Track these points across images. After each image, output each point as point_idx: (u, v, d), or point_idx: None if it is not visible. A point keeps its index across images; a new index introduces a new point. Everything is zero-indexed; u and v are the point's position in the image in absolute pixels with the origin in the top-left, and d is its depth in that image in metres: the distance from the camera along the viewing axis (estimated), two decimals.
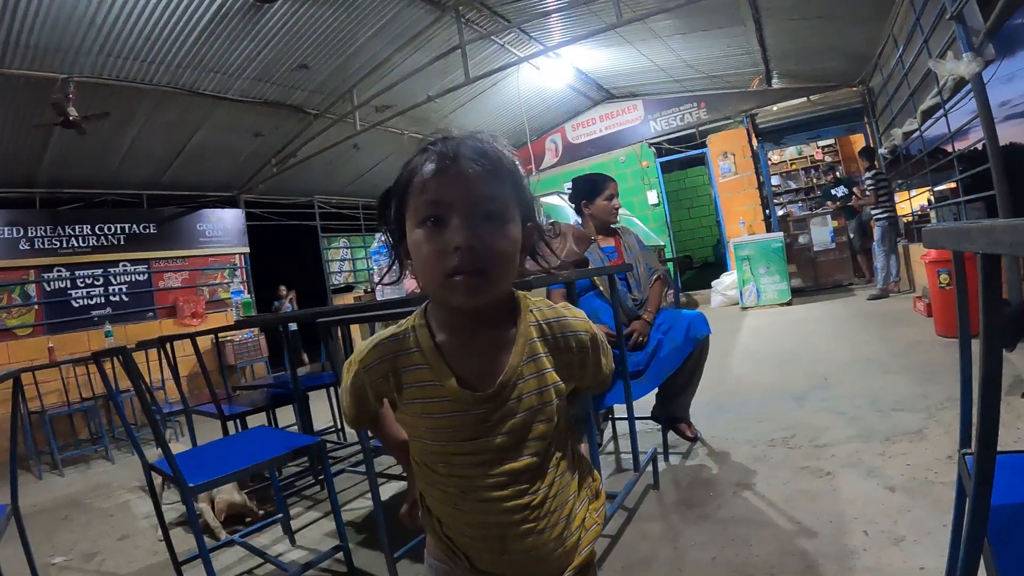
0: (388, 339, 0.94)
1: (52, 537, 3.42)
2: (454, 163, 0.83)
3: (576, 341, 0.94)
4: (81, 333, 7.13)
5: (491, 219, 0.83)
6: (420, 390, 0.90)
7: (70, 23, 4.65)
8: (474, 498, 0.90)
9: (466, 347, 0.91)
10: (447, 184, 0.82)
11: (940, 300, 4.71)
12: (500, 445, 0.88)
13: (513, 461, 0.88)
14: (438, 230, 0.82)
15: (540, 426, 0.90)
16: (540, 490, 0.90)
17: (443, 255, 0.81)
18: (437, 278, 0.83)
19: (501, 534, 0.89)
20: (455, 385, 0.88)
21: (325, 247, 10.65)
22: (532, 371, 0.90)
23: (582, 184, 3.25)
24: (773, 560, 1.92)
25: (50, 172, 6.86)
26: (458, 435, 0.88)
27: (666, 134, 10.38)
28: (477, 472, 0.89)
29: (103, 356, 2.19)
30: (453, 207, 0.82)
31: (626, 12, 5.45)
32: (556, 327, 0.94)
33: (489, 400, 0.87)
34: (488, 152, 0.85)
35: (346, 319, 2.55)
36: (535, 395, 0.89)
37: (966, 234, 0.83)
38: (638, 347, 2.86)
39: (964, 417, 1.27)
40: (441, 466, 0.92)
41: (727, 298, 9.10)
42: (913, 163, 6.85)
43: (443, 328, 0.92)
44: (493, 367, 0.89)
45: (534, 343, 0.91)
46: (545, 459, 0.91)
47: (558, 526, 0.92)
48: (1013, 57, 4.09)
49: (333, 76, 6.86)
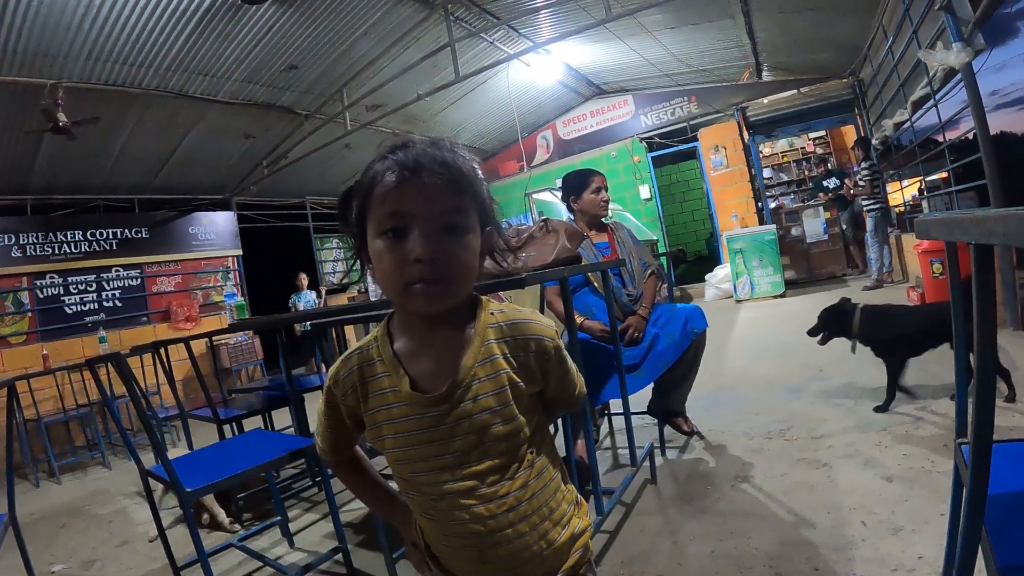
0: (354, 352, 0.96)
1: (51, 545, 3.41)
2: (414, 175, 0.83)
3: (536, 344, 0.93)
4: (75, 339, 7.09)
5: (451, 232, 0.84)
6: (382, 398, 0.91)
7: (58, 29, 4.62)
8: (445, 506, 0.89)
9: (421, 351, 0.92)
10: (407, 196, 0.83)
11: (934, 289, 4.73)
12: (459, 448, 0.88)
13: (475, 464, 0.88)
14: (398, 241, 0.83)
15: (500, 427, 0.89)
16: (511, 493, 0.89)
17: (403, 265, 0.82)
18: (397, 287, 0.84)
19: (477, 543, 0.89)
20: (407, 387, 0.89)
21: (318, 248, 10.62)
22: (489, 372, 0.89)
23: (570, 180, 3.26)
24: (772, 552, 1.93)
25: (41, 178, 6.82)
26: (416, 439, 0.89)
27: (657, 128, 10.37)
28: (441, 477, 0.88)
29: (97, 362, 2.18)
30: (413, 219, 0.83)
31: (615, 7, 5.44)
32: (515, 328, 0.93)
33: (442, 401, 0.87)
34: (448, 161, 0.85)
35: (340, 320, 2.54)
36: (492, 396, 0.89)
37: (959, 225, 0.83)
38: (633, 343, 2.86)
39: (960, 406, 1.27)
40: (410, 475, 0.92)
41: (721, 291, 9.12)
42: (904, 153, 6.87)
43: (402, 334, 0.94)
44: (447, 369, 0.89)
45: (491, 344, 0.91)
46: (512, 460, 0.91)
47: (540, 527, 0.92)
48: (1003, 46, 4.10)
49: (323, 76, 6.83)
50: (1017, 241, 0.63)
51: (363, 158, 5.74)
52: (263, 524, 2.94)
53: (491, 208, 0.93)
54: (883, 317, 3.18)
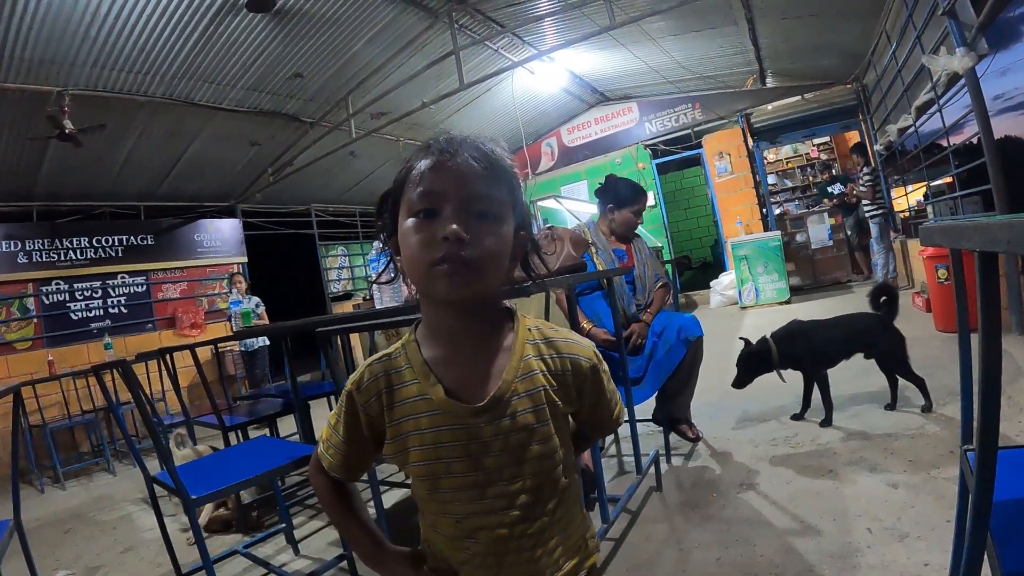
0: (379, 359, 0.91)
1: (56, 551, 3.42)
2: (452, 158, 0.81)
3: (573, 363, 0.89)
4: (80, 346, 7.11)
5: (484, 217, 0.82)
6: (411, 406, 0.86)
7: (64, 36, 4.65)
8: (468, 526, 0.85)
9: (455, 359, 0.87)
10: (442, 176, 0.81)
11: (939, 295, 4.71)
12: (491, 465, 0.83)
13: (506, 484, 0.84)
14: (429, 221, 0.80)
15: (535, 447, 0.84)
16: (538, 520, 0.86)
17: (430, 244, 0.79)
18: (422, 266, 0.80)
19: (494, 564, 0.86)
20: (442, 395, 0.84)
21: (323, 255, 10.63)
22: (528, 387, 0.85)
23: (621, 188, 3.24)
24: (777, 559, 1.92)
25: (47, 185, 6.85)
26: (446, 451, 0.84)
27: (661, 135, 10.39)
28: (468, 495, 0.84)
29: (103, 369, 2.19)
30: (446, 199, 0.80)
31: (619, 14, 5.46)
32: (553, 346, 0.90)
33: (480, 414, 0.83)
34: (488, 153, 0.84)
35: (345, 328, 2.54)
36: (531, 413, 0.84)
37: (963, 232, 0.83)
38: (636, 349, 2.87)
39: (965, 412, 1.27)
40: (433, 492, 0.87)
41: (726, 298, 9.10)
42: (909, 159, 6.86)
43: (432, 341, 0.89)
44: (484, 380, 0.85)
45: (530, 360, 0.87)
46: (543, 484, 0.86)
47: (557, 556, 0.89)
48: (1006, 50, 4.12)
49: (328, 84, 6.86)
50: (1021, 249, 0.63)
51: (368, 166, 5.79)
52: (268, 531, 2.94)
53: (527, 212, 0.91)
54: (796, 335, 3.24)
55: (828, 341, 3.18)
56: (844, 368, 3.26)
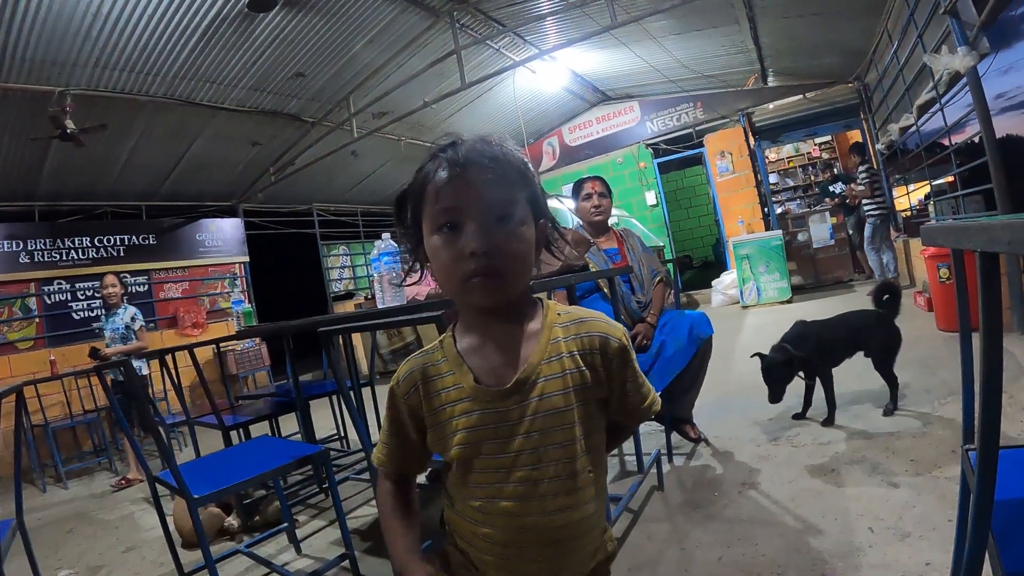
0: (418, 354, 0.97)
1: (58, 550, 3.42)
2: (465, 170, 0.84)
3: (601, 342, 0.90)
4: (82, 345, 7.07)
5: (504, 222, 0.85)
6: (446, 395, 0.90)
7: (66, 36, 4.66)
8: (495, 511, 0.87)
9: (485, 347, 0.91)
10: (459, 191, 0.84)
11: (940, 294, 4.71)
12: (517, 448, 0.86)
13: (531, 469, 0.86)
14: (454, 236, 0.84)
15: (562, 432, 0.86)
16: (563, 512, 0.87)
17: (460, 260, 0.83)
18: (456, 282, 0.86)
19: (517, 554, 0.88)
20: (472, 381, 0.88)
21: (324, 255, 10.64)
22: (556, 370, 0.88)
23: (571, 190, 3.30)
24: (779, 559, 1.92)
25: (49, 185, 6.86)
26: (478, 434, 0.87)
27: (663, 134, 10.39)
28: (496, 478, 0.87)
29: (105, 368, 2.20)
30: (467, 213, 0.84)
31: (620, 14, 5.46)
32: (582, 325, 0.92)
33: (508, 396, 0.86)
34: (498, 156, 0.87)
35: (347, 327, 2.54)
36: (559, 396, 0.87)
37: (964, 232, 0.83)
38: (641, 350, 2.86)
39: (966, 412, 1.27)
40: (467, 479, 0.90)
41: (727, 297, 9.09)
42: (910, 158, 6.85)
43: (467, 334, 0.94)
44: (513, 364, 0.89)
45: (559, 342, 0.90)
46: (568, 474, 0.87)
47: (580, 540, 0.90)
48: (1008, 49, 4.10)
49: (329, 84, 6.87)
50: (1022, 249, 0.63)
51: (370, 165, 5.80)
52: (270, 531, 2.94)
53: (544, 200, 0.94)
54: (807, 336, 3.21)
55: (834, 340, 3.18)
56: (846, 368, 3.26)
